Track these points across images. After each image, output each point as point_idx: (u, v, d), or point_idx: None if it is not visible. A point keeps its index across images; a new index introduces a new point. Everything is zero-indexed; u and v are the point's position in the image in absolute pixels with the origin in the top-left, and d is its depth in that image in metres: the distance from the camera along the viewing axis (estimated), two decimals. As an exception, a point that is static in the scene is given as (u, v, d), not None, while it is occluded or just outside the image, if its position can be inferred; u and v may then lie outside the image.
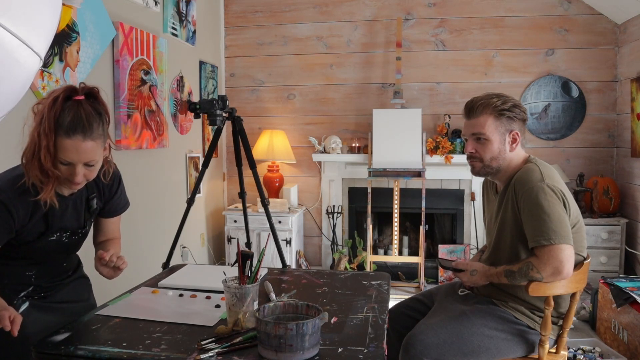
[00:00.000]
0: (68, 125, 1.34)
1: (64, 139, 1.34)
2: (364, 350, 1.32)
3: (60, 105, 1.34)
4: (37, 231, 1.46)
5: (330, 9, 4.55)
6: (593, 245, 3.85)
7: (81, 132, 1.35)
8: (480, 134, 1.82)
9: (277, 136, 4.46)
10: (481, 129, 1.82)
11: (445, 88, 4.45)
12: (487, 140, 1.82)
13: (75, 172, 1.38)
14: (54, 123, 1.33)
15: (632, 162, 3.95)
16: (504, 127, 1.82)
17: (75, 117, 1.35)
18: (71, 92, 1.38)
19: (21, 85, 1.02)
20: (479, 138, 1.84)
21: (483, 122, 1.82)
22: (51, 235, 1.50)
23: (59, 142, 1.34)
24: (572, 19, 4.23)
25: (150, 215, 3.38)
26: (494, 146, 1.82)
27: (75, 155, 1.36)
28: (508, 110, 1.81)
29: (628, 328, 2.76)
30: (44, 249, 1.51)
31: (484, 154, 1.84)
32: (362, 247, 4.36)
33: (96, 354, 1.31)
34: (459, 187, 4.38)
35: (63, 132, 1.34)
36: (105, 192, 1.64)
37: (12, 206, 1.38)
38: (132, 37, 3.04)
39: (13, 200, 1.38)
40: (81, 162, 1.38)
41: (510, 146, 1.83)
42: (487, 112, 1.81)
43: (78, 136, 1.35)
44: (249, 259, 1.52)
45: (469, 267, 1.86)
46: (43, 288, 1.56)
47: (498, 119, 1.81)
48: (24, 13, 0.93)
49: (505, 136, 1.83)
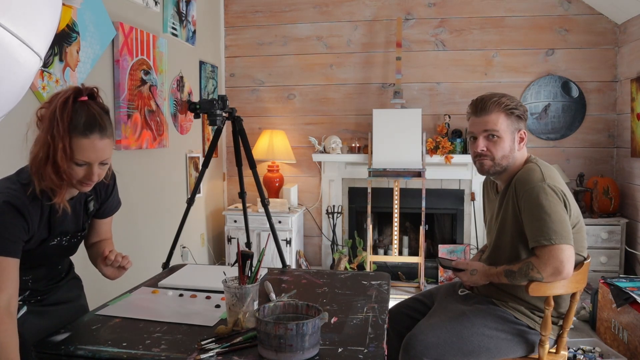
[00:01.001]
0: (84, 125, 1.34)
1: (81, 139, 1.34)
2: (364, 350, 1.32)
3: (71, 106, 1.35)
4: (40, 238, 1.46)
5: (330, 9, 4.55)
6: (593, 245, 3.85)
7: (98, 131, 1.36)
8: (494, 130, 1.80)
9: (277, 136, 4.46)
10: (494, 125, 1.79)
11: (445, 88, 4.45)
12: (499, 137, 1.80)
13: (92, 171, 1.39)
14: (69, 124, 1.33)
15: (632, 162, 3.95)
16: (513, 125, 1.81)
17: (90, 117, 1.35)
18: (77, 93, 1.38)
19: (21, 85, 1.02)
20: (491, 135, 1.81)
21: (495, 120, 1.79)
22: (52, 240, 1.50)
23: (75, 143, 1.34)
24: (572, 19, 4.23)
25: (150, 215, 3.38)
26: (505, 144, 1.80)
27: (93, 154, 1.37)
28: (516, 109, 1.81)
29: (628, 328, 2.76)
30: (43, 253, 1.50)
31: (496, 151, 1.81)
32: (362, 247, 4.36)
33: (96, 354, 1.31)
34: (459, 187, 4.38)
35: (79, 133, 1.34)
36: (102, 193, 1.64)
37: (27, 213, 1.37)
38: (132, 37, 3.04)
39: (27, 207, 1.38)
40: (98, 161, 1.39)
41: (518, 145, 1.83)
42: (498, 110, 1.79)
43: (95, 135, 1.36)
44: (249, 259, 1.52)
45: (469, 267, 1.86)
46: (39, 292, 1.56)
47: (509, 117, 1.80)
48: (24, 13, 0.93)
49: (515, 135, 1.82)
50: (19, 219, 1.36)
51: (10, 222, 1.34)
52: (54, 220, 1.47)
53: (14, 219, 1.35)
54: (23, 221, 1.37)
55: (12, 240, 1.34)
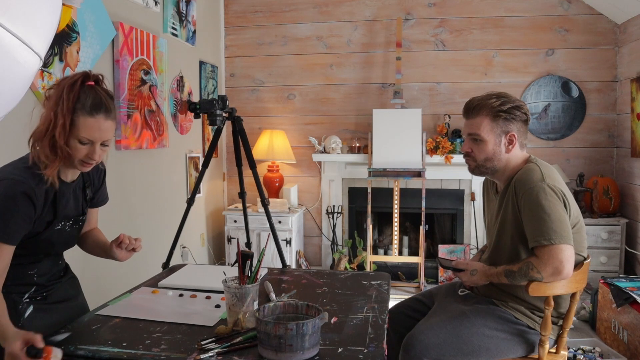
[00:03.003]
0: (91, 105, 1.44)
1: (87, 118, 1.43)
2: (364, 350, 1.32)
3: (79, 88, 1.44)
4: (46, 220, 1.51)
5: (330, 9, 4.55)
6: (593, 245, 3.85)
7: (104, 112, 1.46)
8: (475, 134, 1.83)
9: (277, 136, 4.46)
10: (476, 129, 1.83)
11: (445, 88, 4.45)
12: (481, 141, 1.83)
13: (94, 150, 1.47)
14: (74, 104, 1.42)
15: (632, 162, 3.95)
16: (500, 128, 1.82)
17: (97, 98, 1.45)
18: (86, 78, 1.48)
19: (21, 85, 1.02)
20: (474, 139, 1.84)
21: (479, 123, 1.82)
22: (57, 224, 1.55)
23: (81, 121, 1.43)
24: (572, 19, 4.23)
25: (150, 215, 3.38)
26: (488, 147, 1.82)
27: (97, 133, 1.45)
28: (505, 112, 1.80)
29: (628, 328, 2.76)
30: (49, 239, 1.54)
31: (478, 154, 1.85)
32: (362, 247, 4.36)
33: (96, 354, 1.31)
34: (459, 187, 4.38)
35: (86, 112, 1.43)
36: (95, 181, 1.73)
37: (34, 196, 1.43)
38: (132, 37, 3.04)
39: (35, 190, 1.43)
40: (101, 140, 1.47)
41: (506, 147, 1.83)
42: (483, 113, 1.82)
43: (101, 115, 1.45)
44: (249, 259, 1.52)
45: (469, 267, 1.87)
46: (44, 287, 1.59)
47: (494, 120, 1.81)
48: (24, 13, 0.93)
49: (501, 137, 1.82)
50: (27, 204, 1.42)
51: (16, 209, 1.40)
52: (60, 202, 1.54)
53: (21, 205, 1.41)
54: (30, 205, 1.43)
55: (14, 229, 1.40)
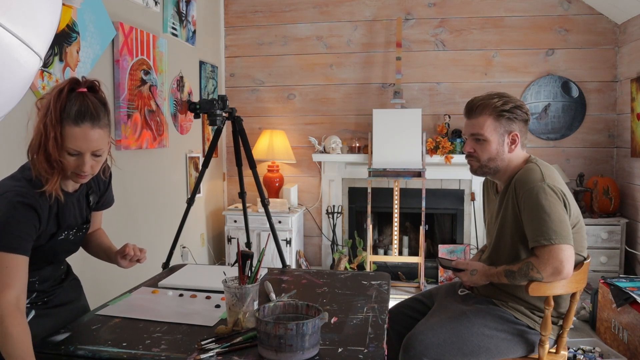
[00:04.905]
0: (76, 114, 1.35)
1: (73, 128, 1.35)
2: (364, 350, 1.32)
3: (66, 96, 1.36)
4: (49, 232, 1.47)
5: (330, 9, 4.55)
6: (593, 245, 3.85)
7: (89, 120, 1.36)
8: (479, 134, 1.82)
9: (277, 136, 4.46)
10: (479, 129, 1.82)
11: (445, 88, 4.45)
12: (485, 140, 1.82)
13: (83, 161, 1.39)
14: (60, 113, 1.34)
15: (632, 162, 3.95)
16: (503, 128, 1.82)
17: (83, 106, 1.36)
18: (75, 84, 1.40)
19: (21, 85, 1.02)
20: (477, 139, 1.84)
21: (482, 123, 1.82)
22: (60, 235, 1.52)
23: (67, 131, 1.35)
24: (572, 19, 4.23)
25: (150, 215, 3.38)
26: (491, 147, 1.82)
27: (84, 144, 1.37)
28: (508, 112, 1.80)
29: (628, 328, 2.76)
30: (52, 249, 1.51)
31: (482, 154, 1.84)
32: (362, 247, 4.36)
33: (96, 354, 1.31)
34: (459, 187, 4.38)
35: (71, 121, 1.35)
36: (101, 186, 1.68)
37: (39, 208, 1.39)
38: (132, 37, 3.04)
39: (38, 201, 1.39)
40: (89, 151, 1.39)
41: (509, 147, 1.83)
42: (486, 113, 1.81)
43: (87, 124, 1.36)
44: (249, 259, 1.52)
45: (469, 267, 1.86)
46: (45, 293, 1.57)
47: (497, 119, 1.81)
48: (24, 13, 0.93)
49: (504, 137, 1.82)
50: (31, 216, 1.37)
51: (22, 220, 1.35)
52: (62, 213, 1.49)
53: (26, 216, 1.36)
54: (35, 216, 1.38)
55: (23, 238, 1.34)
